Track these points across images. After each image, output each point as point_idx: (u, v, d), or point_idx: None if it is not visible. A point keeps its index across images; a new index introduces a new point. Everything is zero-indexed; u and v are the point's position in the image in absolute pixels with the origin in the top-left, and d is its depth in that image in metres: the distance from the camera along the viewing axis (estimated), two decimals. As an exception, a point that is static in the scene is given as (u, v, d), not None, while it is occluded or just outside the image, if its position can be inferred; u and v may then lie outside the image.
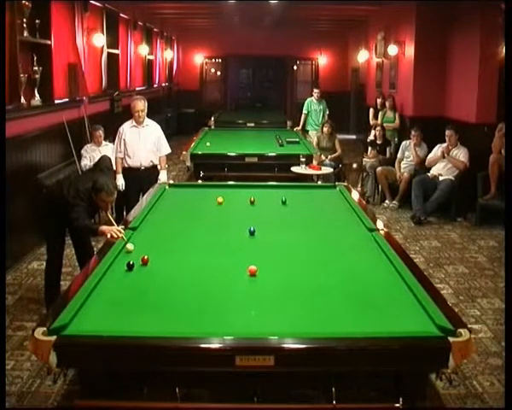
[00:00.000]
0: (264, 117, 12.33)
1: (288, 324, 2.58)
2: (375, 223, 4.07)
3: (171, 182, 5.98)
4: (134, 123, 6.14)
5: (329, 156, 8.77)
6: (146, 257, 3.27)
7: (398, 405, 2.47)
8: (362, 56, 14.03)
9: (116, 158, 6.16)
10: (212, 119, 11.33)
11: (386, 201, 8.37)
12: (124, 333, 2.42)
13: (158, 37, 14.33)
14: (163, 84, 15.29)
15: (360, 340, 2.42)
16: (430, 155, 7.98)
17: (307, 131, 10.65)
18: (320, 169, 7.43)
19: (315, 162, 7.44)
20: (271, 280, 3.07)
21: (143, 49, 12.43)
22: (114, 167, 6.17)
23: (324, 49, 17.64)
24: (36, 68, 6.27)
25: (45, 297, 4.62)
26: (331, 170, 8.13)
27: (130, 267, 3.17)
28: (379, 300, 2.85)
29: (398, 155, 8.50)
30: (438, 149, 7.86)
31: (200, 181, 6.83)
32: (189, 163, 7.44)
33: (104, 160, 4.86)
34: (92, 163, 6.14)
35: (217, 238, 3.81)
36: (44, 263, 4.77)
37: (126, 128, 6.17)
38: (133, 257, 3.31)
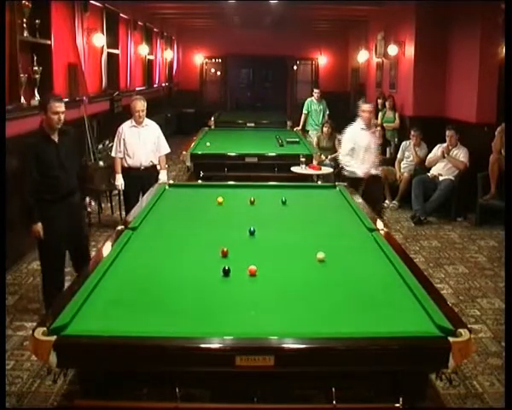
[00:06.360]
0: (264, 117, 12.29)
1: (288, 324, 2.58)
2: (375, 223, 4.07)
3: (171, 182, 5.97)
4: (134, 123, 6.14)
5: (329, 156, 8.77)
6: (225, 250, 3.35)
7: (398, 405, 2.47)
8: (362, 56, 14.02)
9: (116, 158, 6.17)
10: (212, 119, 11.31)
11: (386, 201, 8.37)
12: (124, 333, 2.42)
13: (158, 37, 14.33)
14: (163, 84, 15.29)
15: (360, 340, 2.42)
16: (430, 155, 7.98)
17: (307, 131, 10.66)
18: (320, 169, 7.42)
19: (315, 162, 7.43)
20: (271, 280, 3.06)
21: (143, 49, 12.43)
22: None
23: (324, 49, 17.64)
24: (36, 68, 6.27)
25: (44, 299, 4.59)
26: (331, 170, 8.12)
27: (225, 273, 3.06)
28: (379, 300, 2.84)
29: (398, 155, 8.51)
30: (438, 149, 7.86)
31: (200, 181, 6.83)
32: (188, 163, 7.43)
33: None
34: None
35: (217, 238, 3.80)
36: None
37: (126, 128, 6.18)
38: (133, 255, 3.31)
